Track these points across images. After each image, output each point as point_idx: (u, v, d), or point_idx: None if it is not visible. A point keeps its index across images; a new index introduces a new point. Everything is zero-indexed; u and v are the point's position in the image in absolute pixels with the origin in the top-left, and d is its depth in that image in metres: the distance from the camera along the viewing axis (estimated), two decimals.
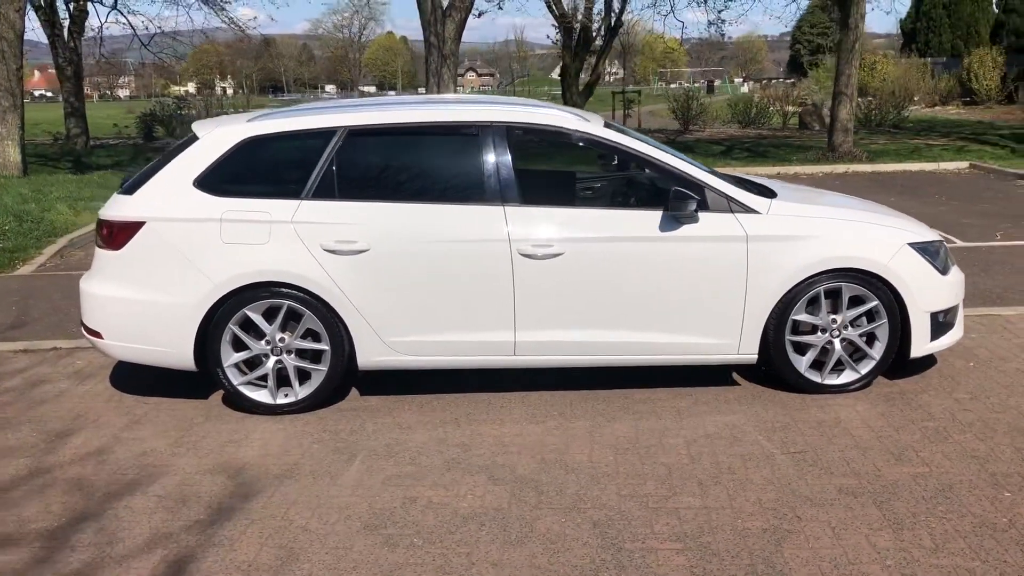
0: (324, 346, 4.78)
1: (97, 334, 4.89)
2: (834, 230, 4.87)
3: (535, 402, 4.95)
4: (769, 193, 5.11)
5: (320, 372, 4.82)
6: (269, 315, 4.76)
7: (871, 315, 4.90)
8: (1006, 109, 32.52)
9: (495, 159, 4.81)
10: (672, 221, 4.76)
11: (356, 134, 4.85)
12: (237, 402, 4.85)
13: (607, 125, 5.11)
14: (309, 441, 4.49)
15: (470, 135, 4.88)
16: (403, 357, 4.85)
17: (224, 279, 4.66)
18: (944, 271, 5.01)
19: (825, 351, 4.92)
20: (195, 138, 4.92)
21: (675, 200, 4.68)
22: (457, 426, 4.64)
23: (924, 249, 4.97)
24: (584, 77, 21.17)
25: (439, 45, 14.96)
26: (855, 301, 4.88)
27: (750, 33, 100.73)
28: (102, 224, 4.87)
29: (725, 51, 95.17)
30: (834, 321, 4.88)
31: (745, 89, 72.70)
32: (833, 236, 4.84)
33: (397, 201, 4.78)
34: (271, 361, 4.80)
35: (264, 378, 4.82)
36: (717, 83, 74.91)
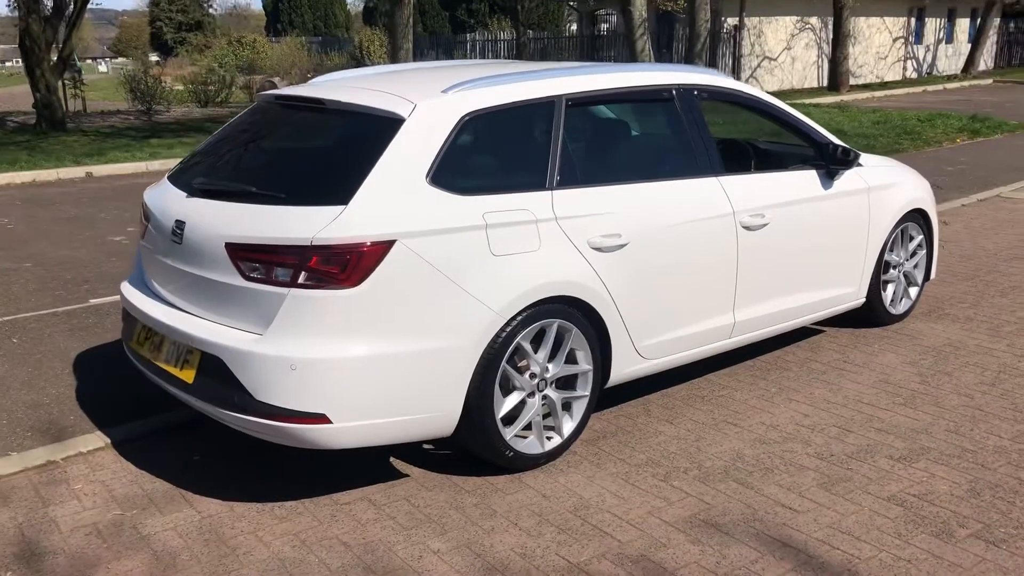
0: (585, 366, 3.84)
1: (318, 419, 3.21)
2: (904, 176, 5.42)
3: (740, 384, 4.64)
4: None
5: (581, 399, 3.87)
6: (534, 342, 3.67)
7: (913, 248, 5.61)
8: None
9: (698, 126, 4.33)
10: (828, 179, 4.84)
11: (575, 103, 3.93)
12: (508, 463, 3.65)
13: None
14: (644, 488, 3.63)
15: (667, 100, 4.30)
16: (649, 363, 4.14)
17: (506, 303, 3.45)
18: None
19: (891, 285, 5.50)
20: (397, 119, 3.48)
21: (844, 157, 4.77)
22: (735, 425, 4.16)
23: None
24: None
25: None
26: (909, 238, 5.53)
27: None
28: (309, 252, 3.18)
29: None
30: (899, 256, 5.47)
31: (104, 68, 68.17)
32: (905, 182, 5.39)
33: (635, 181, 4.02)
34: (536, 400, 3.71)
35: (528, 424, 3.71)
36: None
